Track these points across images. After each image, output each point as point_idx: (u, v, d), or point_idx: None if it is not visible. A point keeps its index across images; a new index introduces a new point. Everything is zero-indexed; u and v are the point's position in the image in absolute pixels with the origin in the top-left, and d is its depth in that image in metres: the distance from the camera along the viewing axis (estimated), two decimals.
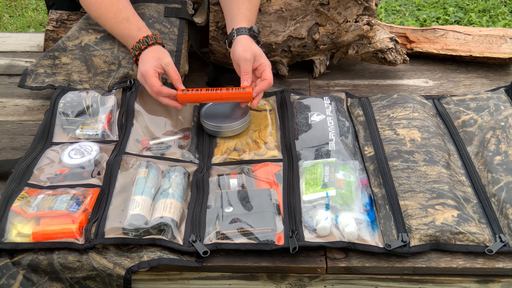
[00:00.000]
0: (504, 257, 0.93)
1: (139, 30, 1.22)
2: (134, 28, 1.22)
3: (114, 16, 1.24)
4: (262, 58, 1.17)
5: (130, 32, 1.22)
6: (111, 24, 1.25)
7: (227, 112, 1.20)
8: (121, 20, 1.23)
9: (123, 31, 1.23)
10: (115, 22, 1.24)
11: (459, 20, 2.95)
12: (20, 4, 3.26)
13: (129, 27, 1.23)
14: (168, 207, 0.97)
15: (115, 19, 1.24)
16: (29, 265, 0.92)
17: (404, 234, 0.94)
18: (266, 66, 1.16)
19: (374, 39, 1.37)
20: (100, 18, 1.26)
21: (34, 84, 1.29)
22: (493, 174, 1.04)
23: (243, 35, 1.20)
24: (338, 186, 1.00)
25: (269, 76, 1.15)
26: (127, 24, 1.23)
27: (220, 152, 1.14)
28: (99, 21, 1.27)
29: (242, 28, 1.21)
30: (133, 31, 1.22)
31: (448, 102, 1.25)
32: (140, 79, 1.17)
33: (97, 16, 1.26)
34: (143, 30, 1.22)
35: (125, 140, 1.14)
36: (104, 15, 1.24)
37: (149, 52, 1.18)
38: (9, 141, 1.21)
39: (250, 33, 1.21)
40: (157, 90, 1.13)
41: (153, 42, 1.20)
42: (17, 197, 1.00)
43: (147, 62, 1.16)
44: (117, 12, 1.24)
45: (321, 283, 0.95)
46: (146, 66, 1.15)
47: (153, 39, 1.20)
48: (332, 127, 1.14)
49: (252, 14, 1.25)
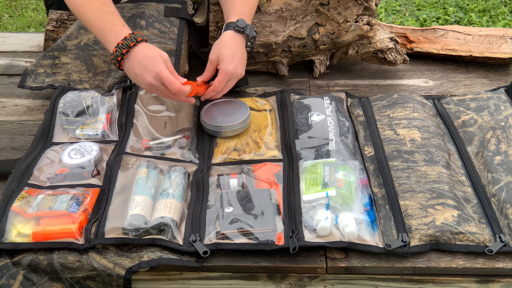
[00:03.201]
0: (504, 257, 0.93)
1: (123, 27, 1.15)
2: (118, 23, 1.15)
3: (98, 7, 1.16)
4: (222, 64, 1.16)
5: (113, 26, 1.14)
6: (92, 14, 1.16)
7: (227, 112, 1.20)
8: (105, 13, 1.16)
9: (106, 24, 1.15)
10: (98, 13, 1.16)
11: (459, 20, 2.95)
12: (20, 4, 3.26)
13: (113, 21, 1.15)
14: (168, 207, 0.97)
15: (98, 10, 1.16)
16: (29, 265, 0.92)
17: (404, 234, 0.94)
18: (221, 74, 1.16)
19: (374, 39, 1.37)
20: (81, 6, 1.17)
21: (34, 84, 1.29)
22: (493, 174, 1.04)
23: (227, 30, 1.21)
24: (338, 186, 1.00)
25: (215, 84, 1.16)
26: (111, 18, 1.15)
27: (220, 152, 1.14)
28: (78, 10, 1.18)
29: (230, 23, 1.21)
30: (116, 26, 1.14)
31: (448, 102, 1.25)
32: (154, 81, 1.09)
33: (78, 5, 1.17)
34: (126, 28, 1.15)
35: (125, 140, 1.14)
36: (88, 3, 1.16)
37: (146, 49, 1.11)
38: (9, 141, 1.21)
39: (234, 28, 1.20)
40: (179, 88, 1.08)
41: (141, 39, 1.13)
42: (17, 197, 1.00)
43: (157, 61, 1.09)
44: (102, 4, 1.17)
45: (321, 283, 0.95)
46: (159, 66, 1.08)
47: (140, 36, 1.13)
48: (332, 127, 1.14)
49: (246, 8, 1.24)
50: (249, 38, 1.22)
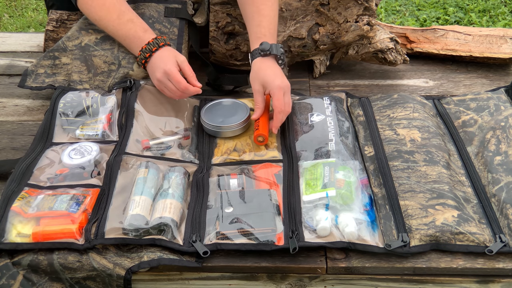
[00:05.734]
0: (504, 257, 0.93)
1: (145, 32, 1.22)
2: (140, 29, 1.22)
3: (117, 18, 1.23)
4: (270, 85, 1.13)
5: (136, 34, 1.22)
6: (113, 26, 1.24)
7: (227, 112, 1.19)
8: (125, 22, 1.23)
9: (128, 32, 1.23)
10: (118, 24, 1.23)
11: (459, 20, 2.95)
12: (20, 4, 3.26)
13: (134, 28, 1.23)
14: (168, 207, 0.97)
15: (118, 20, 1.23)
16: (29, 265, 0.92)
17: (404, 234, 0.94)
18: (275, 93, 1.12)
19: (374, 39, 1.37)
20: (101, 20, 1.25)
21: (34, 84, 1.29)
22: (493, 174, 1.04)
23: (255, 58, 1.19)
24: (338, 186, 1.00)
25: (277, 105, 1.12)
26: (132, 26, 1.23)
27: (220, 152, 1.14)
28: (99, 23, 1.26)
29: (254, 51, 1.19)
30: (139, 32, 1.22)
31: (448, 102, 1.25)
32: (162, 78, 1.16)
33: (98, 19, 1.26)
34: (149, 32, 1.23)
35: (125, 140, 1.14)
36: (107, 17, 1.24)
37: (164, 52, 1.19)
38: (9, 141, 1.21)
39: (260, 54, 1.18)
40: (185, 87, 1.15)
41: (163, 44, 1.20)
42: (17, 197, 1.00)
43: (168, 61, 1.16)
44: (120, 14, 1.23)
45: (321, 283, 0.95)
46: (169, 65, 1.15)
47: (163, 41, 1.21)
48: (332, 127, 1.14)
49: (264, 28, 1.21)
50: (279, 56, 1.19)
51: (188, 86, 1.15)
